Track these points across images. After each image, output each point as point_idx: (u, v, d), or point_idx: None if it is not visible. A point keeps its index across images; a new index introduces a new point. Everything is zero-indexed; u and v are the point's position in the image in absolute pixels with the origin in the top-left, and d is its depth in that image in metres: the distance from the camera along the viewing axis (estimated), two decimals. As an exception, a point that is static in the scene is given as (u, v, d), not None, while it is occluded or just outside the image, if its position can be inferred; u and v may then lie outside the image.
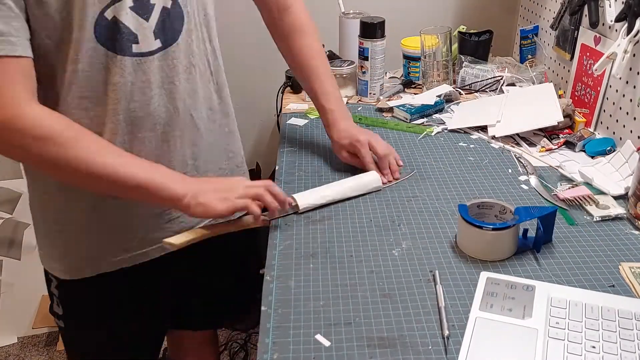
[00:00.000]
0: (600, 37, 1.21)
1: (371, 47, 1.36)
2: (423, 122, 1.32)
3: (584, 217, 0.94)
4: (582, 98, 1.28)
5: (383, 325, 0.73)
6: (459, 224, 0.86)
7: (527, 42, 1.58)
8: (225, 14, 1.30)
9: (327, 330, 0.72)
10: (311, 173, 1.10)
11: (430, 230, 0.92)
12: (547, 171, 1.09)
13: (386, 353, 0.69)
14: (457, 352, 0.68)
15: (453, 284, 0.80)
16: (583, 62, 1.28)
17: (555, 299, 0.74)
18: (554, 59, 1.47)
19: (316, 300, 0.77)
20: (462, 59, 1.50)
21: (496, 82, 1.44)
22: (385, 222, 0.94)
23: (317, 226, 0.93)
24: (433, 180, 1.07)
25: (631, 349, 0.66)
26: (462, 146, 1.20)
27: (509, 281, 0.77)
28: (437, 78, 1.47)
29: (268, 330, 0.73)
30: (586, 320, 0.70)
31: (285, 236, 0.91)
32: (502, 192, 1.02)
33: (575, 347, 0.67)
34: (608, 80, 1.18)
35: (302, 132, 1.27)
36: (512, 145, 1.19)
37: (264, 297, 0.78)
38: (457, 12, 1.77)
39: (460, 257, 0.85)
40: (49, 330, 1.99)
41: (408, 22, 1.68)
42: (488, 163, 1.13)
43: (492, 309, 0.73)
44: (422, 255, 0.86)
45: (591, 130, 1.22)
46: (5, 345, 1.97)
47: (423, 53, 1.47)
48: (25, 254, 1.94)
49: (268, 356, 0.69)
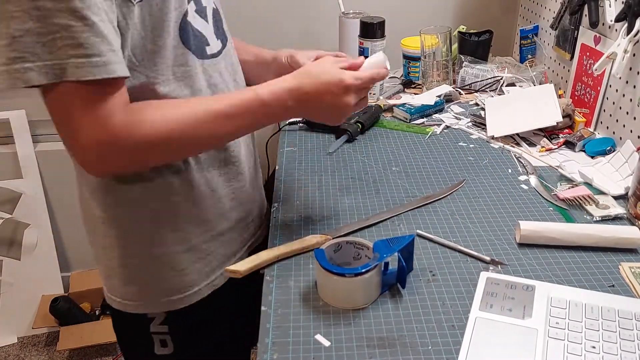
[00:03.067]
0: (600, 37, 1.21)
1: (371, 47, 1.36)
2: (423, 122, 1.32)
3: (584, 217, 0.94)
4: (582, 98, 1.28)
5: (383, 325, 0.73)
6: (317, 272, 0.78)
7: (527, 42, 1.58)
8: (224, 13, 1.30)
9: (327, 330, 0.72)
10: (311, 173, 1.10)
11: (430, 230, 0.92)
12: (547, 171, 1.09)
13: (386, 353, 0.69)
14: (457, 352, 0.68)
15: (453, 284, 0.80)
16: (583, 62, 1.28)
17: (555, 299, 0.74)
18: (554, 58, 1.47)
19: (316, 300, 0.77)
20: (462, 59, 1.50)
21: (496, 82, 1.44)
22: (385, 222, 0.94)
23: (317, 226, 0.93)
24: (433, 180, 1.07)
25: (631, 349, 0.66)
26: (462, 146, 1.20)
27: (509, 281, 0.77)
28: (437, 78, 1.47)
29: (268, 330, 0.73)
30: (586, 320, 0.70)
31: (285, 236, 0.91)
32: (502, 192, 1.02)
33: (575, 347, 0.67)
34: (608, 80, 1.18)
35: (302, 133, 1.27)
36: (512, 145, 1.19)
37: (264, 297, 0.78)
38: (457, 12, 1.77)
39: (460, 257, 0.85)
40: (49, 330, 1.99)
41: (408, 22, 1.68)
42: (488, 163, 1.13)
43: (492, 309, 0.73)
44: (422, 255, 0.86)
45: (591, 130, 1.22)
46: (5, 345, 1.97)
47: (423, 53, 1.47)
48: (25, 254, 1.95)
49: (268, 356, 0.69)
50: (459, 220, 0.94)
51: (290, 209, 0.98)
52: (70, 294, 1.98)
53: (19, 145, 1.86)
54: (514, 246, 0.87)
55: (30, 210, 1.92)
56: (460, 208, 0.97)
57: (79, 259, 2.08)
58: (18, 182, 1.89)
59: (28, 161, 1.88)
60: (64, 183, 1.93)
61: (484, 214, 0.95)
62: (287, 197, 1.02)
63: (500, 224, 0.93)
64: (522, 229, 0.86)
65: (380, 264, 0.75)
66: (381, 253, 0.75)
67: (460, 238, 0.89)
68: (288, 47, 1.84)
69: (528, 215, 0.95)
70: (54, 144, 1.92)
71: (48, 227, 1.95)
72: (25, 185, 1.90)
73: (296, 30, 1.76)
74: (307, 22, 1.75)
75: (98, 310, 2.00)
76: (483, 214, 0.96)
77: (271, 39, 1.13)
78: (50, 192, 1.95)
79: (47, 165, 1.91)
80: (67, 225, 2.01)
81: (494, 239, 0.89)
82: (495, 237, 0.89)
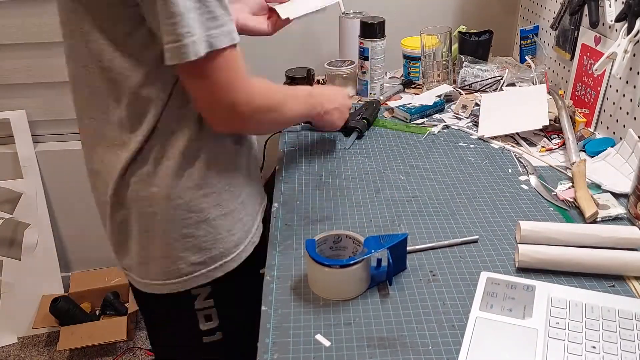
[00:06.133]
0: (600, 37, 1.21)
1: (371, 47, 1.36)
2: (423, 122, 1.32)
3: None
4: (583, 98, 1.28)
5: (383, 325, 0.73)
6: (307, 262, 0.79)
7: (527, 42, 1.58)
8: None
9: (327, 330, 0.72)
10: (311, 173, 1.10)
11: (430, 230, 0.92)
12: (547, 171, 1.09)
13: (386, 353, 0.69)
14: (457, 352, 0.68)
15: (453, 284, 0.80)
16: (583, 62, 1.28)
17: (555, 299, 0.74)
18: (554, 59, 1.47)
19: (316, 300, 0.77)
20: (462, 59, 1.50)
21: (496, 82, 1.44)
22: (385, 222, 0.94)
23: (317, 226, 0.93)
24: (433, 180, 1.07)
25: (631, 349, 0.66)
26: (462, 146, 1.20)
27: (509, 281, 0.77)
28: (437, 78, 1.47)
29: (268, 330, 0.73)
30: (586, 320, 0.70)
31: (285, 236, 0.91)
32: (502, 192, 1.02)
33: (575, 347, 0.67)
34: (608, 80, 1.18)
35: (302, 132, 1.27)
36: (512, 145, 1.19)
37: (264, 297, 0.78)
38: (457, 12, 1.77)
39: (460, 257, 0.85)
40: (49, 330, 1.99)
41: (408, 22, 1.69)
42: (488, 163, 1.13)
43: (492, 309, 0.73)
44: (422, 255, 0.86)
45: (591, 130, 1.22)
46: (5, 345, 1.97)
47: (423, 53, 1.47)
48: (25, 254, 1.95)
49: (268, 356, 0.69)
50: (459, 220, 0.94)
51: (290, 209, 0.98)
52: (71, 294, 1.98)
53: (19, 145, 1.86)
54: (514, 246, 0.87)
55: (30, 210, 1.92)
56: (460, 208, 0.97)
57: (79, 259, 2.08)
58: (18, 182, 1.89)
59: (28, 161, 1.88)
60: (64, 183, 1.93)
61: (484, 214, 0.95)
62: (288, 197, 1.02)
63: (500, 224, 0.93)
64: (523, 229, 0.86)
65: (367, 258, 0.76)
66: (370, 248, 0.76)
67: (460, 238, 0.89)
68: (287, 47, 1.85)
69: (528, 215, 0.95)
70: (54, 144, 1.92)
71: (48, 227, 1.95)
72: (25, 185, 1.90)
73: (296, 30, 1.76)
74: (307, 22, 1.75)
75: (98, 310, 2.00)
76: (483, 214, 0.96)
77: (271, 38, 1.13)
78: (50, 192, 1.95)
79: (47, 165, 1.91)
80: (67, 225, 2.01)
81: (494, 239, 0.89)
82: (495, 237, 0.89)
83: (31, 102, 1.84)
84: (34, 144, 1.89)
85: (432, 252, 0.86)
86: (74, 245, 2.05)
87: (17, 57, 1.75)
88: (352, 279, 0.77)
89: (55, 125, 1.88)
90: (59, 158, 1.90)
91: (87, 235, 1.98)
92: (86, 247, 2.03)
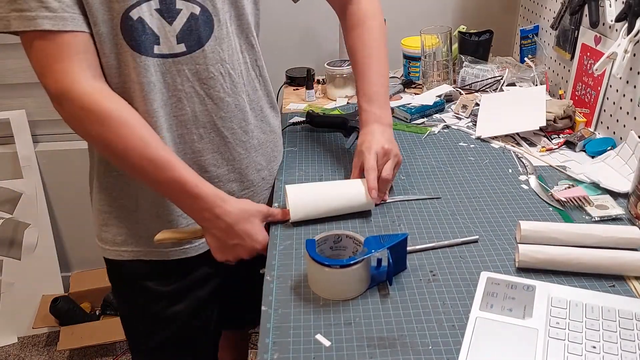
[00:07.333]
0: (600, 36, 1.21)
1: (371, 47, 1.36)
2: (423, 122, 1.32)
3: (583, 217, 0.94)
4: (583, 98, 1.28)
5: (383, 325, 0.73)
6: (307, 262, 0.79)
7: (527, 42, 1.58)
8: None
9: (327, 330, 0.72)
10: (311, 173, 1.10)
11: (430, 230, 0.92)
12: (547, 171, 1.09)
13: (386, 353, 0.69)
14: (457, 352, 0.68)
15: (453, 284, 0.80)
16: (583, 61, 1.28)
17: (555, 299, 0.74)
18: (554, 58, 1.47)
19: (316, 300, 0.77)
20: (462, 59, 1.50)
21: (496, 82, 1.44)
22: (385, 222, 0.94)
23: (317, 226, 0.93)
24: (433, 180, 1.07)
25: (631, 349, 0.66)
26: (462, 146, 1.20)
27: (509, 281, 0.77)
28: (437, 78, 1.47)
29: (268, 330, 0.73)
30: (586, 320, 0.70)
31: (285, 236, 0.91)
32: (502, 192, 1.02)
33: (575, 347, 0.67)
34: (608, 80, 1.18)
35: (302, 132, 1.27)
36: (513, 145, 1.19)
37: (264, 297, 0.78)
38: (457, 12, 1.77)
39: (460, 257, 0.85)
40: (49, 330, 1.99)
41: (408, 22, 1.69)
42: (488, 163, 1.12)
43: (492, 309, 0.72)
44: (422, 255, 0.86)
45: (591, 130, 1.22)
46: (5, 345, 1.97)
47: (423, 53, 1.47)
48: (25, 254, 1.95)
49: (268, 356, 0.69)
50: (459, 220, 0.94)
51: (290, 209, 0.98)
52: (70, 294, 1.98)
53: (19, 145, 1.86)
54: (514, 246, 0.87)
55: (30, 210, 1.92)
56: (460, 208, 0.97)
57: (79, 259, 2.08)
58: (18, 182, 1.89)
59: (28, 161, 1.88)
60: (64, 183, 1.93)
61: (484, 214, 0.95)
62: (287, 197, 1.02)
63: (501, 224, 0.93)
64: (523, 229, 0.86)
65: (368, 258, 0.76)
66: (370, 248, 0.76)
67: (460, 238, 0.89)
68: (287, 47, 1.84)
69: (528, 215, 0.95)
70: (54, 144, 1.92)
71: (48, 227, 1.95)
72: (25, 185, 1.90)
73: (297, 31, 1.76)
74: (307, 23, 1.75)
75: (98, 310, 2.00)
76: (483, 213, 0.95)
77: (271, 39, 1.13)
78: (50, 192, 1.95)
79: (47, 165, 1.91)
80: (67, 225, 2.01)
81: (494, 238, 0.89)
82: (495, 237, 0.89)
83: (31, 102, 1.84)
84: (34, 143, 1.89)
85: (432, 252, 0.86)
86: (74, 245, 2.05)
87: (17, 57, 1.75)
88: (352, 279, 0.76)
89: (55, 125, 1.88)
90: (59, 158, 1.90)
91: (87, 235, 1.98)
92: (86, 247, 2.03)
